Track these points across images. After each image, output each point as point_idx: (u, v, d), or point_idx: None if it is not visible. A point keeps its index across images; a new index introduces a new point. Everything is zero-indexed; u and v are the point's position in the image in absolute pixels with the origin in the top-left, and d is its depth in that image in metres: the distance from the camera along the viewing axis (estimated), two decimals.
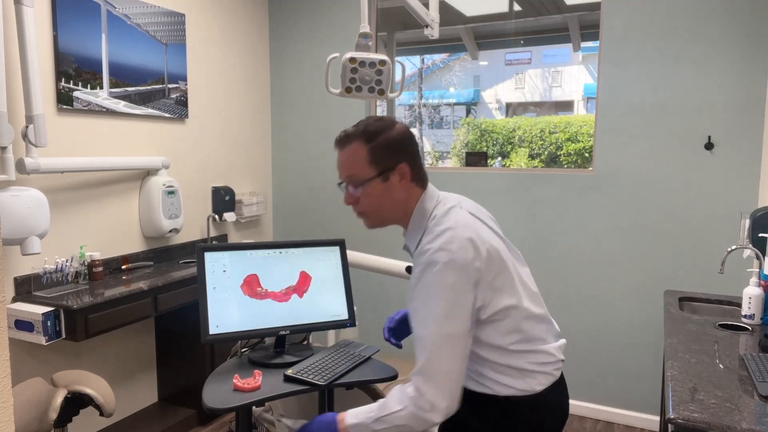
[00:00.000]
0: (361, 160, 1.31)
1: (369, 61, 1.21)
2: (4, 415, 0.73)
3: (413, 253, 1.33)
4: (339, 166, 1.35)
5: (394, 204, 1.34)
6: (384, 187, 1.32)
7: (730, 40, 2.78)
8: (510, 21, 3.38)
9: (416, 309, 1.23)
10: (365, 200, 1.33)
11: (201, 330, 1.71)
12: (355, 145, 1.32)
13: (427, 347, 1.20)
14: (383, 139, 1.32)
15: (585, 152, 3.39)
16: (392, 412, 1.21)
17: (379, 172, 1.31)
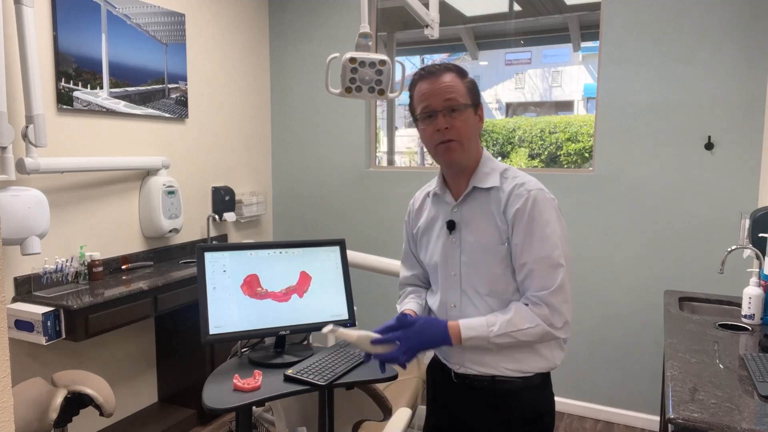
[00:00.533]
0: (460, 88, 1.34)
1: (369, 61, 1.21)
2: (4, 415, 0.73)
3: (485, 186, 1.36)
4: (435, 91, 1.33)
5: (476, 140, 1.39)
6: (474, 120, 1.37)
7: (731, 40, 2.78)
8: (510, 21, 3.38)
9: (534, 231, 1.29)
10: (460, 125, 1.33)
11: (201, 330, 1.71)
12: (452, 75, 1.35)
13: (558, 266, 1.28)
14: (470, 79, 1.39)
15: (585, 152, 3.39)
16: (521, 329, 1.27)
17: (472, 103, 1.36)
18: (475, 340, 1.29)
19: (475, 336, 1.28)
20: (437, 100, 1.33)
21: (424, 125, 1.36)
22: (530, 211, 1.30)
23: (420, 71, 1.38)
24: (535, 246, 1.29)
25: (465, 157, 1.37)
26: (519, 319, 1.27)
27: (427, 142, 1.38)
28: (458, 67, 1.38)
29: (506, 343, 1.28)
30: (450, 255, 1.40)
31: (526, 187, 1.32)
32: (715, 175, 2.86)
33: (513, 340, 1.27)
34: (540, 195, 1.31)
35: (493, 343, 1.28)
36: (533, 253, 1.29)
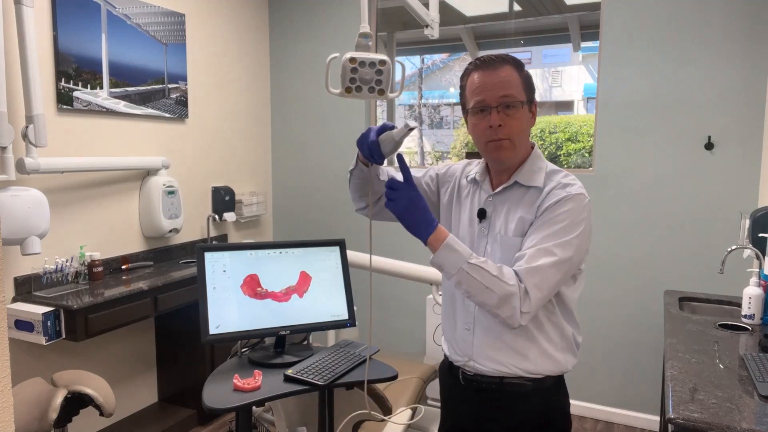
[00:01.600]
0: (517, 83, 1.28)
1: (369, 61, 1.21)
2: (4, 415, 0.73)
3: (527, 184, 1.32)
4: (491, 85, 1.27)
5: (527, 137, 1.34)
6: (528, 117, 1.31)
7: (731, 40, 2.78)
8: (510, 21, 3.38)
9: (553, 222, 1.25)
10: (514, 123, 1.27)
11: (201, 330, 1.71)
12: (509, 68, 1.28)
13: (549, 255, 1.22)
14: (526, 72, 1.32)
15: (585, 152, 3.39)
16: (497, 276, 1.20)
17: (528, 99, 1.30)
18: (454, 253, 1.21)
19: (457, 249, 1.22)
20: (493, 95, 1.26)
21: (476, 120, 1.30)
22: (557, 208, 1.25)
23: (476, 61, 1.31)
24: (540, 237, 1.24)
25: (515, 156, 1.32)
26: (502, 270, 1.21)
27: (478, 137, 1.31)
28: (516, 59, 1.31)
29: (475, 279, 1.20)
30: (477, 242, 1.36)
31: (566, 189, 1.27)
32: (715, 175, 2.86)
33: (484, 282, 1.19)
34: (576, 199, 1.26)
35: (464, 270, 1.20)
36: (534, 241, 1.25)
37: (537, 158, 1.35)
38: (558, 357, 1.34)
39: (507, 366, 1.32)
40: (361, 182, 1.45)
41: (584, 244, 1.27)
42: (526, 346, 1.31)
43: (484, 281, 1.20)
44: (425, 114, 3.85)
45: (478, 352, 1.35)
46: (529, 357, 1.31)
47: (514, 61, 1.30)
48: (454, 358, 1.42)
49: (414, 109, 3.89)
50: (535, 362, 1.32)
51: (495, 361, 1.33)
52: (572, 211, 1.25)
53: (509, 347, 1.32)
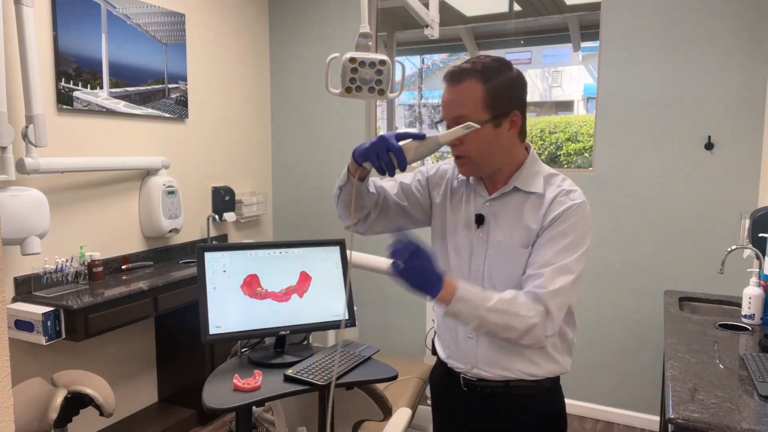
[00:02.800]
0: (475, 101, 1.19)
1: (369, 61, 1.21)
2: (4, 415, 0.73)
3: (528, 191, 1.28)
4: (447, 103, 1.22)
5: (501, 152, 1.26)
6: (493, 134, 1.22)
7: (730, 40, 2.78)
8: (510, 21, 3.38)
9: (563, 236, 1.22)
10: (472, 144, 1.22)
11: (201, 330, 1.71)
12: (470, 83, 1.20)
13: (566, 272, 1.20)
14: (501, 81, 1.21)
15: (585, 152, 3.39)
16: (518, 313, 1.17)
17: (493, 116, 1.20)
18: (466, 303, 1.16)
19: (469, 299, 1.16)
20: (449, 114, 1.23)
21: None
22: (565, 220, 1.22)
23: (446, 72, 1.25)
24: (554, 252, 1.22)
25: (479, 171, 1.28)
26: (518, 305, 1.18)
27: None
28: (486, 68, 1.21)
29: (494, 322, 1.17)
30: (476, 250, 1.31)
31: (570, 197, 1.24)
32: (715, 175, 2.86)
33: (502, 321, 1.16)
34: (581, 208, 1.24)
35: (480, 316, 1.16)
36: (548, 257, 1.21)
37: (533, 162, 1.31)
38: (560, 359, 1.34)
39: (513, 371, 1.30)
40: (350, 197, 1.37)
41: (587, 253, 1.27)
42: (535, 351, 1.30)
43: (503, 321, 1.17)
44: (425, 114, 3.84)
45: (483, 359, 1.32)
46: (537, 362, 1.30)
47: (482, 73, 1.20)
48: (454, 365, 1.39)
49: (414, 109, 3.89)
50: (542, 366, 1.31)
51: (501, 367, 1.31)
52: (579, 222, 1.23)
53: (518, 353, 1.30)
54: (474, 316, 1.17)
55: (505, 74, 1.22)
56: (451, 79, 1.22)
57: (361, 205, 1.39)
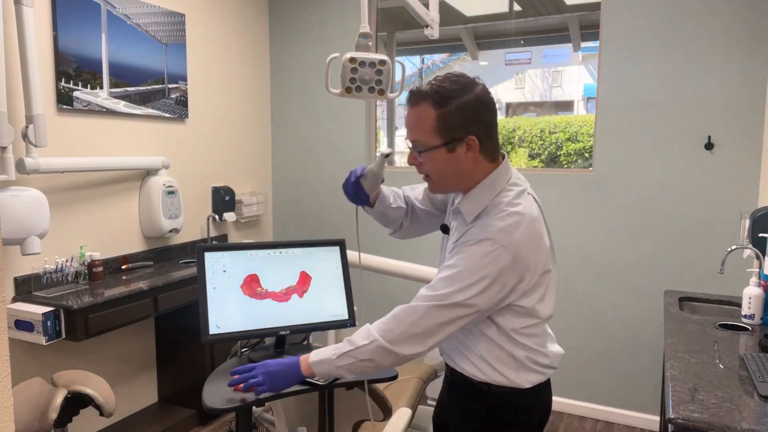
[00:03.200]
0: (427, 126, 1.21)
1: (369, 61, 1.21)
2: (4, 415, 0.73)
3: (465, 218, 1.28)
4: (406, 124, 1.26)
5: (458, 174, 1.26)
6: (449, 158, 1.23)
7: (730, 40, 2.78)
8: (510, 21, 3.38)
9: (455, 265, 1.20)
10: (429, 164, 1.26)
11: (201, 330, 1.71)
12: (424, 107, 1.21)
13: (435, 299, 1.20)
14: (455, 106, 1.19)
15: (585, 152, 3.39)
16: (357, 347, 1.23)
17: (445, 141, 1.21)
18: (322, 366, 1.27)
19: (320, 360, 1.27)
20: (407, 135, 1.27)
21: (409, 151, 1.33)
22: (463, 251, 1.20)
23: (408, 92, 1.28)
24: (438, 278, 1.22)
25: (442, 190, 1.32)
26: (357, 337, 1.24)
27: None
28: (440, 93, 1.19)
29: (349, 364, 1.24)
30: (442, 257, 1.40)
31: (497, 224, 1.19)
32: (715, 175, 2.86)
33: (353, 360, 1.23)
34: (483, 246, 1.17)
35: (338, 366, 1.24)
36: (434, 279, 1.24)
37: (486, 188, 1.25)
38: (507, 374, 1.29)
39: (459, 366, 1.35)
40: (376, 215, 1.51)
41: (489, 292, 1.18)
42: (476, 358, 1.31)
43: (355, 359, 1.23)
44: None
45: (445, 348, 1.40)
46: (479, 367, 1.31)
47: (434, 98, 1.19)
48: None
49: None
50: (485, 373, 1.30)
51: (453, 361, 1.37)
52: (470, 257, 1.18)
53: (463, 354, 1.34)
54: (335, 371, 1.27)
55: (460, 98, 1.19)
56: (408, 100, 1.25)
57: (388, 220, 1.52)
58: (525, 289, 1.23)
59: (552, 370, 1.36)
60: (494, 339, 1.28)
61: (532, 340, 1.30)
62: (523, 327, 1.28)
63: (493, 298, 1.20)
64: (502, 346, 1.29)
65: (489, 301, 1.19)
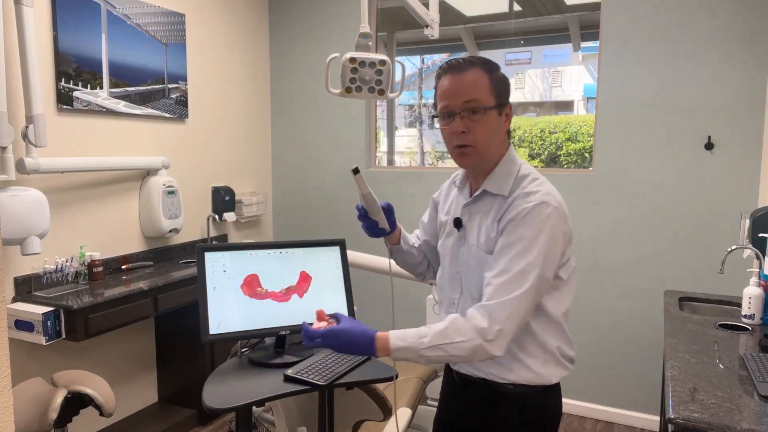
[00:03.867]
0: (484, 86, 1.24)
1: (369, 61, 1.21)
2: (4, 415, 0.73)
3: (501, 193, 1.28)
4: (454, 91, 1.25)
5: (499, 143, 1.30)
6: (498, 121, 1.27)
7: (730, 40, 2.78)
8: (510, 21, 3.38)
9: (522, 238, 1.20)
10: (480, 129, 1.25)
11: (201, 330, 1.71)
12: (476, 71, 1.25)
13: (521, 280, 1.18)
14: (500, 73, 1.29)
15: (585, 152, 3.39)
16: (453, 342, 1.18)
17: (498, 103, 1.26)
18: (404, 351, 1.21)
19: (405, 347, 1.21)
20: (456, 101, 1.24)
21: (443, 125, 1.29)
22: (519, 225, 1.21)
23: (444, 65, 1.29)
24: (506, 261, 1.20)
25: (481, 162, 1.29)
26: (452, 331, 1.19)
27: (446, 142, 1.31)
28: (486, 61, 1.28)
29: (437, 356, 1.20)
30: (456, 252, 1.36)
31: (528, 199, 1.22)
32: (715, 175, 2.86)
33: (444, 353, 1.19)
34: (538, 210, 1.20)
35: (423, 356, 1.20)
36: (500, 266, 1.21)
37: (509, 162, 1.31)
38: (537, 369, 1.29)
39: (485, 372, 1.32)
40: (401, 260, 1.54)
41: (552, 255, 1.21)
42: (506, 358, 1.28)
43: (444, 354, 1.19)
44: (425, 114, 3.84)
45: None
46: (508, 366, 1.29)
47: (484, 64, 1.26)
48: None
49: (414, 109, 3.89)
50: (515, 372, 1.29)
51: (473, 367, 1.34)
52: (534, 224, 1.20)
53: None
54: (417, 358, 1.21)
55: (500, 69, 1.30)
56: (455, 68, 1.26)
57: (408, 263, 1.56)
58: (568, 254, 1.27)
59: (573, 364, 1.36)
60: (532, 325, 1.27)
61: (567, 325, 1.31)
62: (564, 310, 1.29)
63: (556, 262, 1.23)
64: (536, 336, 1.28)
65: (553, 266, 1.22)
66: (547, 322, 1.28)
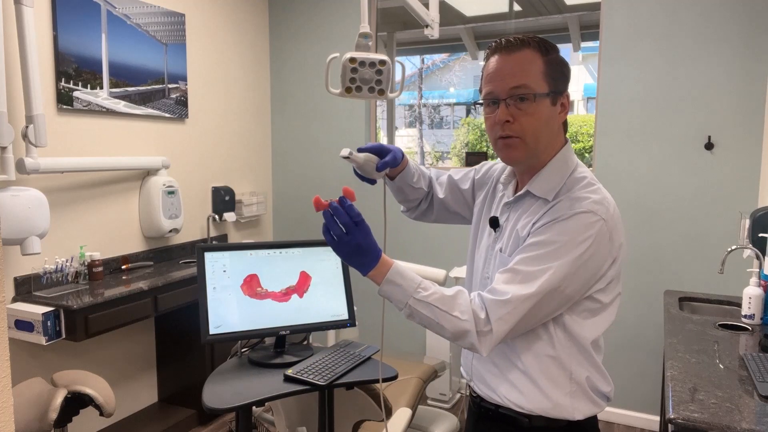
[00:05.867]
0: (536, 70, 1.08)
1: (369, 61, 1.20)
2: (4, 416, 0.73)
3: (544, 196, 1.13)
4: (501, 74, 1.09)
5: (549, 136, 1.12)
6: (550, 111, 1.10)
7: (730, 40, 2.78)
8: (510, 21, 3.38)
9: (551, 241, 1.05)
10: (528, 119, 1.08)
11: (201, 330, 1.71)
12: (528, 52, 1.08)
13: (531, 284, 1.04)
14: (558, 56, 1.11)
15: (585, 152, 3.39)
16: (449, 312, 1.05)
17: (551, 90, 1.09)
18: (395, 289, 1.08)
19: (400, 284, 1.08)
20: (503, 86, 1.08)
21: (486, 113, 1.13)
22: (555, 226, 1.06)
23: (493, 43, 1.13)
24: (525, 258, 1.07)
25: (529, 158, 1.13)
26: (455, 303, 1.06)
27: (488, 132, 1.15)
28: (542, 41, 1.10)
29: (422, 314, 1.07)
30: (489, 256, 1.22)
31: (575, 205, 1.06)
32: (715, 175, 2.86)
33: (431, 316, 1.06)
34: (583, 217, 1.05)
35: (409, 305, 1.07)
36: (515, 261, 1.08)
37: (561, 162, 1.14)
38: (560, 400, 1.12)
39: (498, 395, 1.17)
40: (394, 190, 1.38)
41: (583, 273, 1.05)
42: (520, 378, 1.14)
43: (432, 316, 1.06)
44: (425, 114, 3.84)
45: (476, 372, 1.23)
46: (522, 391, 1.13)
47: (539, 44, 1.09)
48: (462, 373, 1.32)
49: (414, 109, 3.89)
50: (529, 398, 1.13)
51: (487, 386, 1.19)
52: (567, 231, 1.04)
53: (502, 375, 1.16)
54: (403, 303, 1.09)
55: (558, 51, 1.12)
56: (506, 47, 1.10)
57: (404, 197, 1.39)
58: (611, 277, 1.11)
59: (607, 402, 1.19)
60: (555, 348, 1.12)
61: (599, 356, 1.15)
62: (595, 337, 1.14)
63: (588, 282, 1.07)
64: (562, 361, 1.12)
65: (580, 285, 1.06)
66: (574, 348, 1.14)
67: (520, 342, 1.13)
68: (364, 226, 1.09)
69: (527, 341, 1.13)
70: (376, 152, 1.23)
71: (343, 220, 1.07)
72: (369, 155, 1.23)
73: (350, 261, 1.11)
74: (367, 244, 1.08)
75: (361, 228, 1.08)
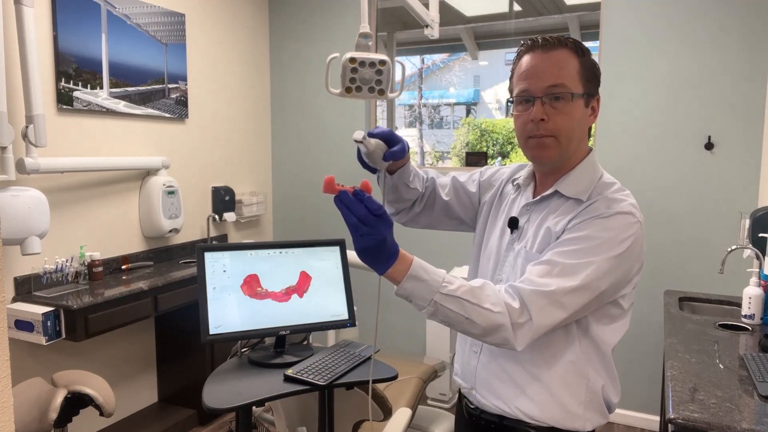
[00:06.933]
0: (572, 71, 1.07)
1: (369, 61, 1.20)
2: (4, 416, 0.73)
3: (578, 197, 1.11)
4: (537, 73, 1.08)
5: (580, 138, 1.12)
6: (583, 113, 1.10)
7: (730, 39, 2.78)
8: (510, 21, 3.38)
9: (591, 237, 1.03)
10: (563, 119, 1.07)
11: (201, 330, 1.71)
12: (564, 52, 1.08)
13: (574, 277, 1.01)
14: (591, 59, 1.11)
15: None
16: (480, 305, 0.98)
17: (585, 92, 1.09)
18: (419, 285, 0.99)
19: (425, 280, 0.99)
20: (539, 85, 1.07)
21: (518, 111, 1.11)
22: (595, 222, 1.04)
23: (528, 41, 1.12)
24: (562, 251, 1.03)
25: (560, 158, 1.11)
26: (484, 295, 0.99)
27: (518, 131, 1.12)
28: (577, 42, 1.10)
29: (450, 310, 0.99)
30: (504, 256, 1.18)
31: (614, 205, 1.05)
32: (715, 175, 2.86)
33: (461, 311, 0.98)
34: (625, 218, 1.04)
35: (436, 302, 0.98)
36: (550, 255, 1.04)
37: (590, 166, 1.14)
38: (574, 409, 1.09)
39: (508, 404, 1.13)
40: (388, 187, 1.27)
41: (619, 273, 1.04)
42: (533, 384, 1.11)
43: (461, 311, 0.99)
44: (425, 114, 3.84)
45: (480, 381, 1.18)
46: (536, 400, 1.10)
47: (575, 45, 1.09)
48: (459, 382, 1.26)
49: (414, 109, 3.89)
50: (543, 408, 1.10)
51: (496, 396, 1.15)
52: (609, 228, 1.03)
53: (515, 383, 1.12)
54: (427, 301, 0.99)
55: (591, 54, 1.12)
56: (542, 46, 1.09)
57: (398, 197, 1.28)
58: (635, 283, 1.10)
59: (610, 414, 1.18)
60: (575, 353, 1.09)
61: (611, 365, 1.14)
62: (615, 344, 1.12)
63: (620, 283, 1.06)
64: (581, 367, 1.10)
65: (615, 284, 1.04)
66: (596, 355, 1.11)
67: (537, 344, 1.07)
68: (388, 218, 0.99)
69: (545, 343, 1.09)
70: (386, 138, 1.14)
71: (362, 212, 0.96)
72: (379, 143, 1.17)
73: (371, 257, 0.99)
74: (391, 238, 1.00)
75: (386, 221, 0.98)
